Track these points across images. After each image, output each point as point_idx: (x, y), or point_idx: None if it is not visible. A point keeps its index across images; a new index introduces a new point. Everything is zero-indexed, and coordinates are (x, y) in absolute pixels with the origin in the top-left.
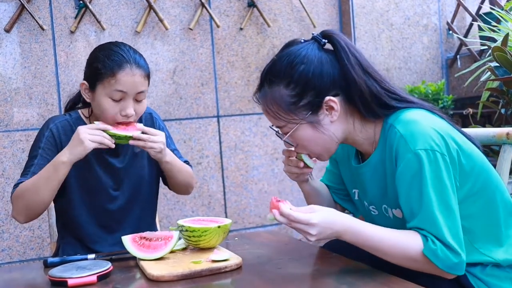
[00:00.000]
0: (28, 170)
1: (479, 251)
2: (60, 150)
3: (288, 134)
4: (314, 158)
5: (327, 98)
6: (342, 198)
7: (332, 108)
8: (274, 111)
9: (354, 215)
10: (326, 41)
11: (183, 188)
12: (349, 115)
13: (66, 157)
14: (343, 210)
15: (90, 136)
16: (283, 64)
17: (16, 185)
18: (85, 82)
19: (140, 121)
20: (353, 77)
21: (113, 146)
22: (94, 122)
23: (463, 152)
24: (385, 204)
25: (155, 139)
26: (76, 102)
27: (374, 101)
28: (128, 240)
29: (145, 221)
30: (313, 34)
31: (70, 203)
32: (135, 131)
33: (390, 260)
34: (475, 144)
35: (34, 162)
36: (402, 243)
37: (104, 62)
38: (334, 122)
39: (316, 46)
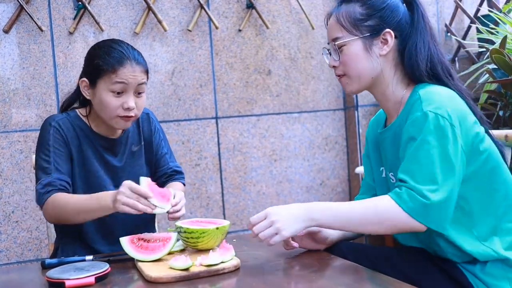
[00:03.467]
0: (49, 169)
1: (475, 235)
2: (68, 145)
3: (341, 42)
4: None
5: (387, 30)
6: None
7: (386, 41)
8: (342, 21)
9: None
10: None
11: None
12: (394, 65)
13: (112, 204)
14: None
15: (124, 199)
16: None
17: (43, 187)
18: (84, 79)
19: (137, 121)
20: (423, 26)
21: (151, 211)
22: (140, 179)
23: (474, 137)
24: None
25: (181, 206)
26: (72, 101)
27: (427, 58)
28: (126, 242)
29: (143, 220)
30: None
31: None
32: (167, 200)
33: (364, 228)
34: (494, 142)
35: (50, 161)
36: (372, 202)
37: (105, 59)
38: (380, 57)
39: None
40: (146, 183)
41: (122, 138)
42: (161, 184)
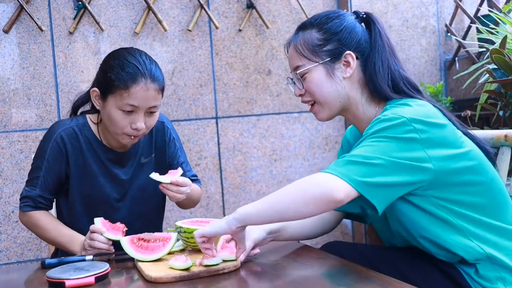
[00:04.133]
0: (36, 183)
1: (462, 235)
2: (66, 159)
3: (303, 70)
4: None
5: (347, 52)
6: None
7: (348, 64)
8: (300, 49)
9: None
10: (365, 15)
11: (188, 207)
12: (360, 85)
13: (79, 248)
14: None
15: (87, 242)
16: (321, 15)
17: (23, 198)
18: (96, 89)
19: (151, 131)
20: (380, 45)
21: (112, 249)
22: (94, 220)
23: (449, 142)
24: None
25: (182, 190)
26: (84, 101)
27: (387, 77)
28: (126, 242)
29: (144, 222)
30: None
31: (72, 214)
32: (120, 232)
33: (295, 208)
34: (477, 143)
35: (40, 175)
36: (301, 182)
37: (118, 74)
38: (345, 80)
39: (354, 16)
40: (100, 222)
41: (132, 150)
42: None
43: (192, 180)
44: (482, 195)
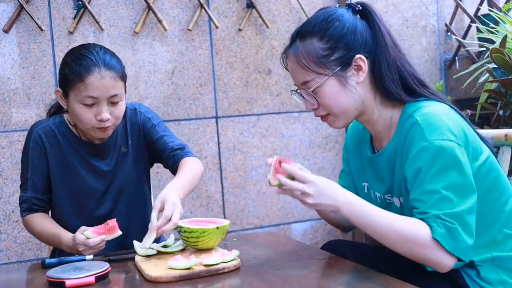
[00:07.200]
0: (26, 185)
1: (475, 245)
2: (46, 157)
3: (314, 88)
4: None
5: (358, 56)
6: None
7: (360, 68)
8: (306, 63)
9: None
10: (361, 7)
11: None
12: (373, 86)
13: (66, 248)
14: None
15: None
16: (319, 20)
17: (20, 204)
18: (59, 89)
19: (125, 120)
20: (382, 41)
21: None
22: (85, 233)
23: (475, 150)
24: (394, 193)
25: (165, 230)
26: (60, 106)
27: (396, 77)
28: (91, 234)
29: (134, 220)
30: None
31: (59, 210)
32: (117, 229)
33: (391, 244)
34: (487, 145)
35: (28, 177)
36: (410, 227)
37: (72, 68)
38: (358, 85)
39: (351, 11)
40: (91, 233)
41: (110, 141)
42: (173, 167)
43: (177, 149)
44: (497, 202)
